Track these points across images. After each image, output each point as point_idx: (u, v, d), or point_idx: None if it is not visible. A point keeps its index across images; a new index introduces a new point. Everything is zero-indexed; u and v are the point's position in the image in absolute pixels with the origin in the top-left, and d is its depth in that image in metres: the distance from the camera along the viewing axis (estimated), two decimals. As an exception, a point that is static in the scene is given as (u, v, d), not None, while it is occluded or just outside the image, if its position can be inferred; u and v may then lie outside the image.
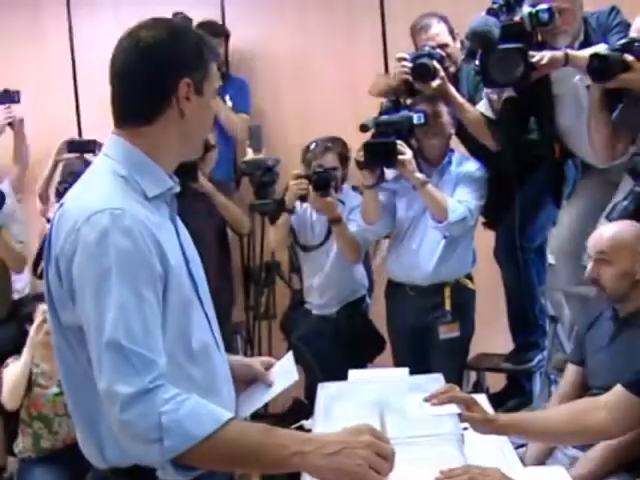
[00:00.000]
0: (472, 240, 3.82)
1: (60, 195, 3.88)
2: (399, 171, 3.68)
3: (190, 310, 1.66)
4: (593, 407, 2.16)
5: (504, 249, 3.85)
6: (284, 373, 1.91)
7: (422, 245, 3.75)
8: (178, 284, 1.63)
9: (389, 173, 3.78)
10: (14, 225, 4.30)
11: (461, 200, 3.65)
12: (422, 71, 3.56)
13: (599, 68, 3.01)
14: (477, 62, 3.28)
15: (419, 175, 3.61)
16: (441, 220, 3.62)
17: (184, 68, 1.68)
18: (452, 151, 3.81)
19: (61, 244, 1.60)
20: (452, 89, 3.64)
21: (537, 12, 3.17)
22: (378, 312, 4.04)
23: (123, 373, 1.49)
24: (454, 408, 2.02)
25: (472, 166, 3.76)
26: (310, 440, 1.53)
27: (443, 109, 3.69)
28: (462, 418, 2.03)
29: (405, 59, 3.62)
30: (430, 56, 3.58)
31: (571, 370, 2.96)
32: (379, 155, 3.59)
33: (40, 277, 3.93)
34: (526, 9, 3.20)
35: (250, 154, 4.24)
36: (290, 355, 1.97)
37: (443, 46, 3.69)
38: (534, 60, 3.13)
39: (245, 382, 1.91)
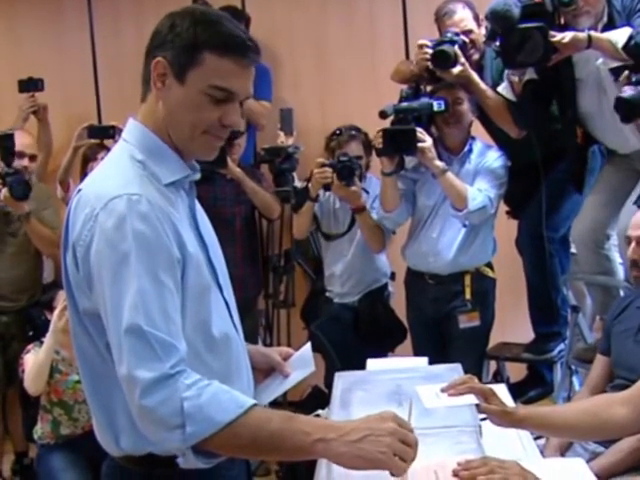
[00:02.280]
0: (492, 229, 3.79)
1: None
2: (419, 159, 3.65)
3: (208, 297, 1.64)
4: (614, 402, 2.11)
5: (526, 238, 3.81)
6: (302, 363, 1.89)
7: (442, 234, 3.72)
8: (196, 270, 1.61)
9: (409, 162, 3.74)
10: (47, 211, 4.31)
11: (481, 189, 3.62)
12: (442, 58, 3.52)
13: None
14: (497, 43, 3.23)
15: (439, 163, 3.58)
16: (460, 209, 3.59)
17: (158, 47, 1.63)
18: (473, 139, 3.77)
19: (78, 230, 1.59)
20: (474, 76, 3.59)
21: None
22: (400, 301, 4.02)
23: (144, 358, 1.48)
24: (472, 399, 2.00)
25: (493, 155, 3.72)
26: (333, 427, 1.51)
27: (464, 96, 3.65)
28: (479, 409, 2.00)
29: (426, 46, 3.58)
30: (452, 42, 3.53)
31: (600, 361, 2.93)
32: (398, 142, 3.56)
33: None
34: None
35: (282, 137, 4.25)
36: (308, 346, 1.95)
37: (467, 32, 3.64)
38: (555, 40, 3.07)
39: (262, 371, 1.89)
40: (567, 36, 3.07)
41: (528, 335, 4.00)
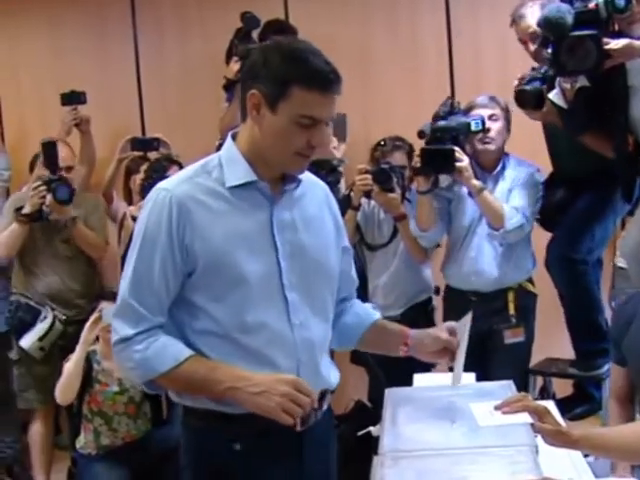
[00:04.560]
0: (529, 243, 3.77)
1: (145, 191, 3.88)
2: (456, 178, 3.65)
3: (245, 290, 1.92)
4: None
5: (558, 256, 3.74)
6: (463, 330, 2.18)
7: (481, 252, 3.71)
8: (227, 266, 1.91)
9: (442, 180, 3.73)
10: (94, 217, 4.36)
11: (517, 207, 3.62)
12: (524, 98, 3.45)
13: None
14: (549, 50, 3.17)
15: (476, 182, 3.58)
16: (498, 228, 3.61)
17: (254, 79, 1.91)
18: (507, 155, 3.77)
19: None
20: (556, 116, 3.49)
21: None
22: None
23: (127, 320, 1.94)
24: (526, 417, 1.95)
25: (527, 171, 3.71)
26: (242, 378, 1.89)
27: (499, 114, 3.67)
28: (533, 428, 1.95)
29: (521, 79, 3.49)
30: (543, 80, 3.44)
31: (617, 371, 2.88)
32: (437, 162, 3.57)
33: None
34: None
35: (334, 143, 4.27)
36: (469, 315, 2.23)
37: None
38: (609, 47, 3.01)
39: (436, 352, 2.21)
40: (621, 42, 3.01)
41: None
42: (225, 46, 4.48)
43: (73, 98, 4.73)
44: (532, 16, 3.53)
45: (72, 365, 3.55)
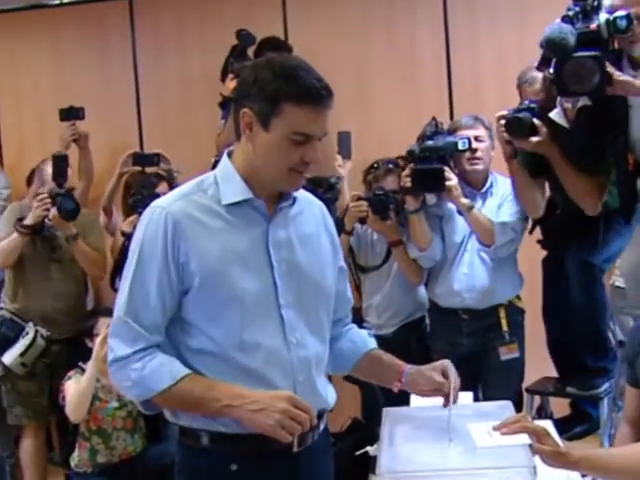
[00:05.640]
0: (516, 261, 3.79)
1: (135, 207, 3.88)
2: (445, 197, 3.67)
3: (240, 307, 1.90)
4: None
5: (576, 269, 3.73)
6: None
7: (473, 269, 3.72)
8: (223, 284, 1.90)
9: (429, 199, 3.75)
10: (93, 237, 4.33)
11: (507, 222, 3.65)
12: (516, 126, 3.38)
13: None
14: (551, 70, 3.17)
15: (465, 200, 3.62)
16: (489, 244, 3.63)
17: (245, 98, 1.92)
18: (491, 173, 3.80)
19: None
20: (555, 149, 3.43)
21: (614, 19, 3.02)
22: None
23: (123, 339, 1.92)
24: (525, 438, 1.94)
25: None
26: (240, 396, 1.87)
27: (484, 133, 3.70)
28: (532, 450, 1.94)
29: (503, 117, 3.42)
30: (530, 110, 3.41)
31: (632, 394, 2.83)
32: (427, 181, 3.60)
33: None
34: (603, 16, 3.04)
35: (339, 161, 4.32)
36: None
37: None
38: (611, 70, 3.00)
39: (429, 390, 2.15)
40: (624, 77, 3.01)
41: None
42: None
43: (71, 114, 4.73)
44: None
45: (85, 382, 3.54)
